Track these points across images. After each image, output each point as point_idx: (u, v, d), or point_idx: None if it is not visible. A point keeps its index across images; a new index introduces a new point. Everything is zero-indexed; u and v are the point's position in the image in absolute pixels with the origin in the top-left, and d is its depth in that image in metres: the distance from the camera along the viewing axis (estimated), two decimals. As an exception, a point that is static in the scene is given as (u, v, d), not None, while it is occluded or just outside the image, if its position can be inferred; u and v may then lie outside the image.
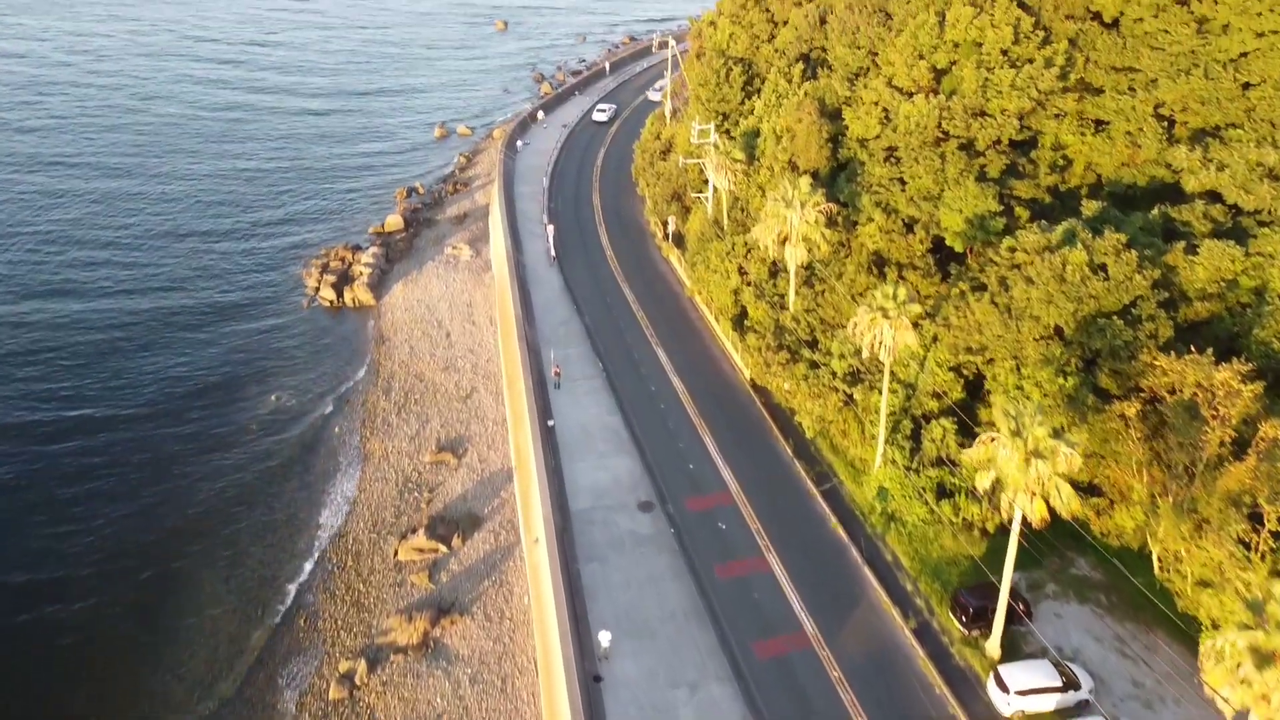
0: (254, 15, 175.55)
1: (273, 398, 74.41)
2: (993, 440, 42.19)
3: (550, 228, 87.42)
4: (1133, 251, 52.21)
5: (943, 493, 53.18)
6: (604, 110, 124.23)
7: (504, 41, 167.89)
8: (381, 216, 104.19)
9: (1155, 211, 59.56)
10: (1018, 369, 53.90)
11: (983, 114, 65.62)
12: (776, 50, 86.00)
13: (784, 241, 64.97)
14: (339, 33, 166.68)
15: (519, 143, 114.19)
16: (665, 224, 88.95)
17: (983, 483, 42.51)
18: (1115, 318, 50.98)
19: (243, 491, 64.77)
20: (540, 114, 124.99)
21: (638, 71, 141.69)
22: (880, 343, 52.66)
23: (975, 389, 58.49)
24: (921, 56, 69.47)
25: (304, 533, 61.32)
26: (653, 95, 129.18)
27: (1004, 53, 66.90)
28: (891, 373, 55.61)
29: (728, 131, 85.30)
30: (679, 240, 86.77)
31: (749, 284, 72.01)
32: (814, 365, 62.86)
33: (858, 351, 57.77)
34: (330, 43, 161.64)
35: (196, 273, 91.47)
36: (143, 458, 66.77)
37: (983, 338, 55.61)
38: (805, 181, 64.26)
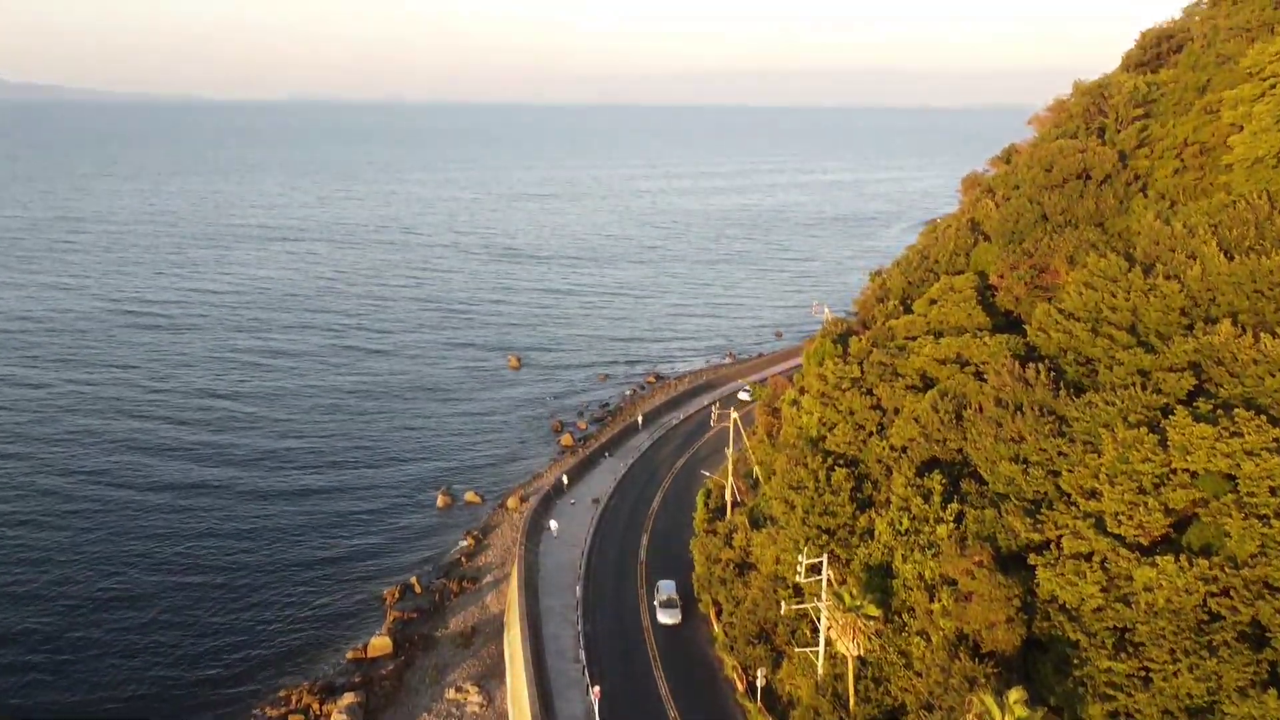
0: (220, 362, 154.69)
1: None
2: None
3: (595, 690, 63.76)
4: None
5: None
6: (747, 391, 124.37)
7: (517, 381, 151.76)
8: (364, 633, 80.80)
9: None
10: None
11: (1269, 586, 44.38)
12: (892, 449, 66.37)
13: (984, 784, 41.57)
14: (322, 389, 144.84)
15: (546, 524, 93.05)
16: (748, 672, 65.54)
17: None
18: None
19: None
20: (564, 478, 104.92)
21: (674, 424, 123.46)
22: None
23: None
24: (1144, 491, 49.28)
25: None
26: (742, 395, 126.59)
27: (1274, 491, 46.80)
28: None
29: (832, 552, 63.98)
30: (770, 698, 63.01)
31: (909, 819, 47.72)
32: None
33: None
34: (310, 391, 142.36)
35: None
36: None
37: None
38: (1019, 699, 41.69)
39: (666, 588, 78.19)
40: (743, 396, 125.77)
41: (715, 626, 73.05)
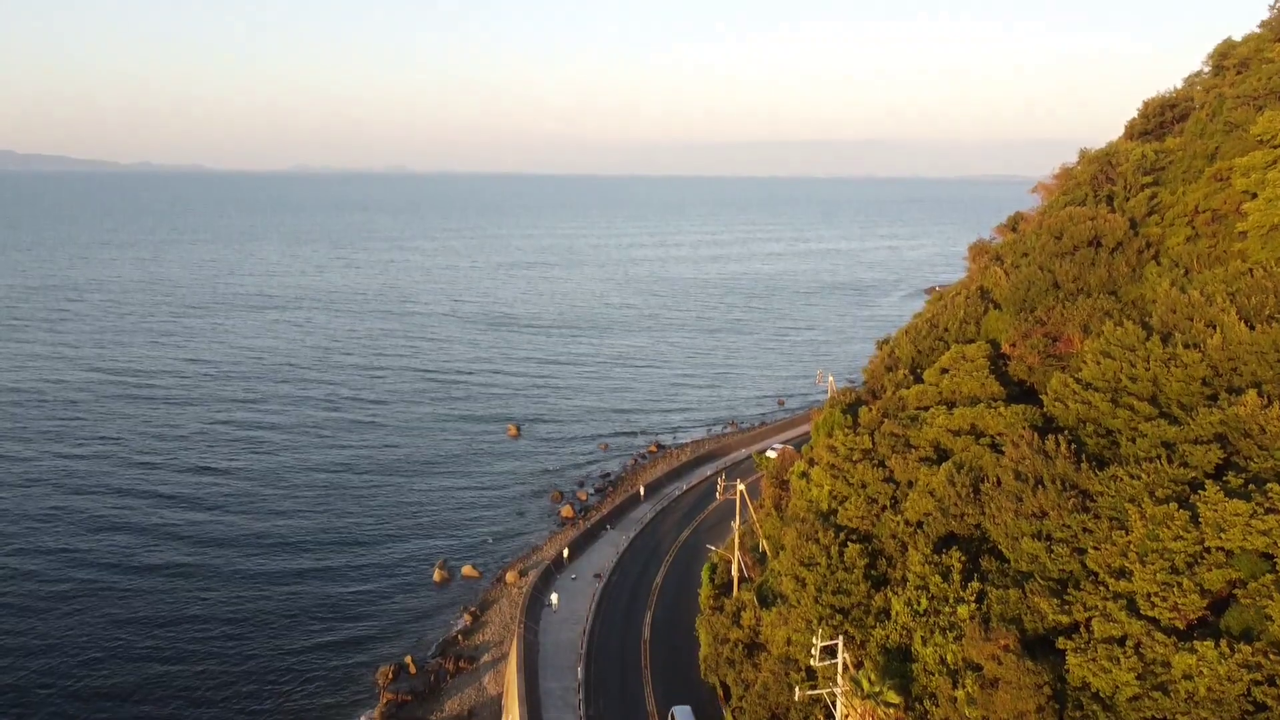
0: (211, 437, 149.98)
1: None
2: None
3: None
4: None
5: None
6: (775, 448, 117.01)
7: (516, 450, 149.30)
8: (355, 718, 77.21)
9: None
10: None
11: (1317, 676, 41.82)
12: (907, 523, 64.02)
13: None
14: (315, 463, 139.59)
15: (545, 599, 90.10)
16: (760, 760, 62.27)
17: None
18: None
19: None
20: (565, 552, 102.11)
21: (676, 495, 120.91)
22: None
23: None
24: (1177, 571, 46.94)
25: None
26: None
27: (1315, 571, 44.50)
28: None
29: (847, 632, 61.20)
30: (783, 789, 59.71)
31: None
32: None
33: None
34: (303, 465, 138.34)
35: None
36: None
37: None
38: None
39: (683, 715, 69.99)
40: (771, 455, 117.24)
41: (724, 712, 69.90)
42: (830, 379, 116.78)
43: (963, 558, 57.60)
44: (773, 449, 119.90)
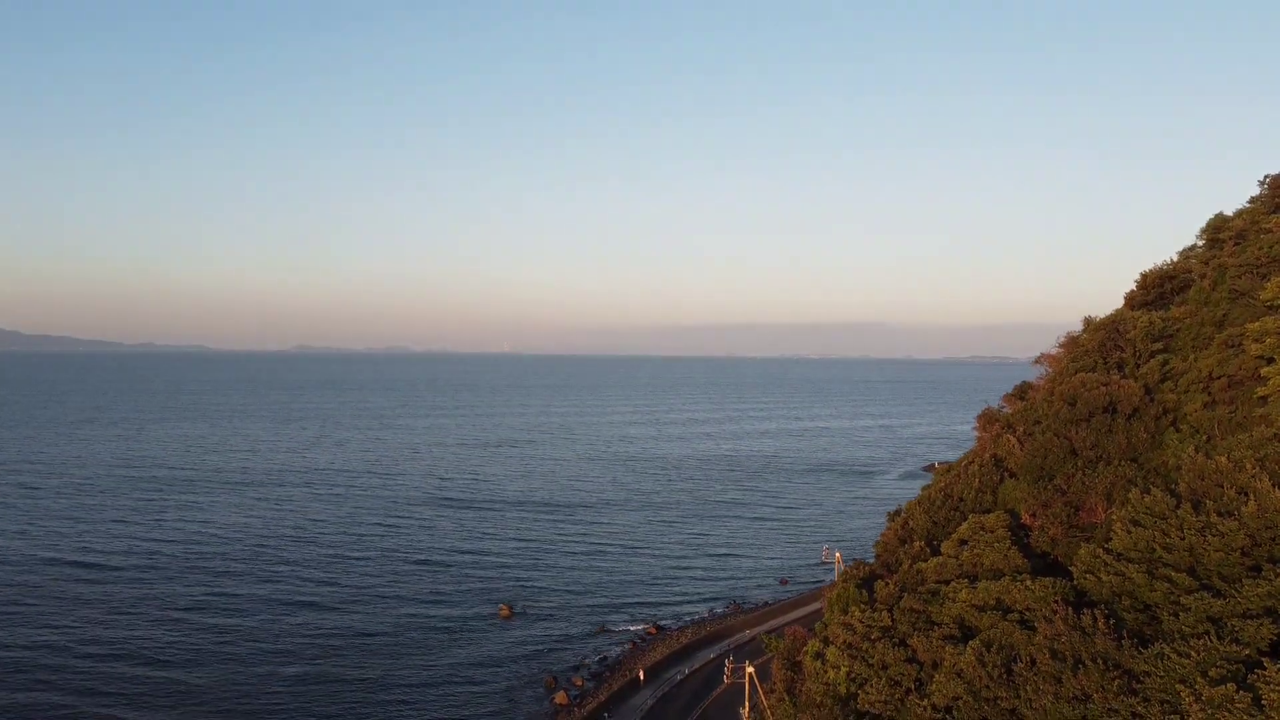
0: (165, 628, 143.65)
1: None
2: None
3: None
4: None
5: None
6: None
7: (509, 631, 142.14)
8: None
9: None
10: None
11: None
12: (935, 709, 59.06)
13: None
14: (281, 656, 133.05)
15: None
16: None
17: None
18: None
19: None
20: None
21: (678, 680, 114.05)
22: None
23: None
24: (1246, 763, 42.41)
25: None
26: None
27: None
28: None
29: (875, 834, 55.29)
30: None
31: None
32: None
33: None
34: (268, 658, 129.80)
35: None
36: None
37: None
38: None
39: None
40: None
41: None
42: (838, 555, 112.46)
43: (1000, 748, 52.68)
44: None
